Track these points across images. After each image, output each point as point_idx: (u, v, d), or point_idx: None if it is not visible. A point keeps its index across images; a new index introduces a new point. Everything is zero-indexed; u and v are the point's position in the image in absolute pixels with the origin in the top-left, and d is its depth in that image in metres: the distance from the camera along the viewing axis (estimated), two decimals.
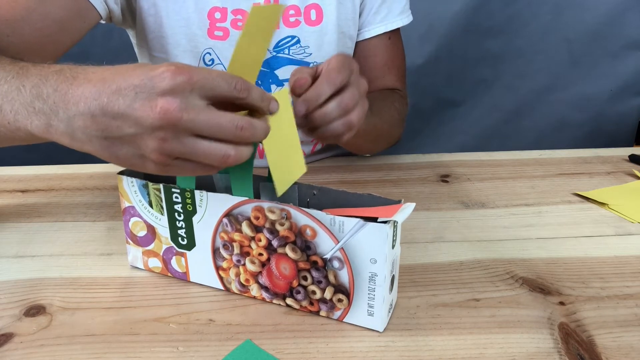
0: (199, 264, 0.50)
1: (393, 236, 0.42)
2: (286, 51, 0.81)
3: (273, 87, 0.83)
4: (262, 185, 0.50)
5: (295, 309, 0.47)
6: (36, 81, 0.41)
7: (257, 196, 0.50)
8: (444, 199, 0.71)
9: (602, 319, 0.46)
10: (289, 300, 0.47)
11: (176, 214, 0.49)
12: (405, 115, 0.88)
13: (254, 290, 0.48)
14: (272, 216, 0.44)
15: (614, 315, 0.46)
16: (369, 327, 0.44)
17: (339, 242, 0.42)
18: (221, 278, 0.50)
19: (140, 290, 0.51)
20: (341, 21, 0.82)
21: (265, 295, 0.48)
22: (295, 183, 0.49)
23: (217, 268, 0.49)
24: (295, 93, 0.48)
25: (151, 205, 0.49)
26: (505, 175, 0.79)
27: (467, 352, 0.42)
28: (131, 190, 0.50)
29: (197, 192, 0.47)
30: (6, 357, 0.42)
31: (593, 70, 1.59)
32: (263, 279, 0.47)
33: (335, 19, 0.81)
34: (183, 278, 0.51)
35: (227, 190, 0.48)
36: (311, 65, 0.83)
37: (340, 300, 0.45)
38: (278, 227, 0.44)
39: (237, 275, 0.48)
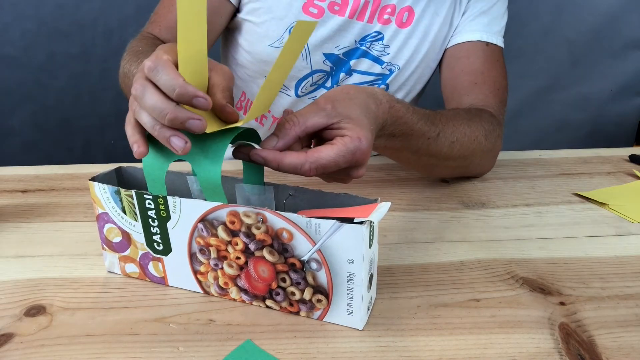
0: (177, 268, 0.49)
1: (370, 236, 0.42)
2: (367, 45, 0.82)
3: (342, 75, 0.84)
4: (237, 186, 0.50)
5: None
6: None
7: (232, 199, 0.50)
8: (444, 199, 0.71)
9: (603, 319, 0.46)
10: (268, 302, 0.47)
11: (150, 220, 0.48)
12: (498, 140, 0.73)
13: (233, 292, 0.48)
14: (247, 220, 0.44)
15: (615, 315, 0.46)
16: (348, 326, 0.45)
17: (315, 244, 0.42)
18: (199, 282, 0.49)
19: (141, 290, 0.51)
20: (431, 30, 0.82)
21: (244, 297, 0.48)
22: (271, 184, 0.49)
23: (195, 272, 0.49)
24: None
25: (124, 212, 0.49)
26: (506, 175, 0.79)
27: (468, 352, 0.42)
28: (103, 197, 0.49)
29: (170, 198, 0.46)
30: (6, 357, 0.42)
31: (593, 70, 1.60)
32: (242, 282, 0.47)
33: (425, 26, 0.82)
34: (161, 283, 0.51)
35: (202, 194, 0.47)
36: (384, 65, 0.83)
37: (319, 301, 0.45)
38: (254, 230, 0.44)
39: (216, 278, 0.48)
